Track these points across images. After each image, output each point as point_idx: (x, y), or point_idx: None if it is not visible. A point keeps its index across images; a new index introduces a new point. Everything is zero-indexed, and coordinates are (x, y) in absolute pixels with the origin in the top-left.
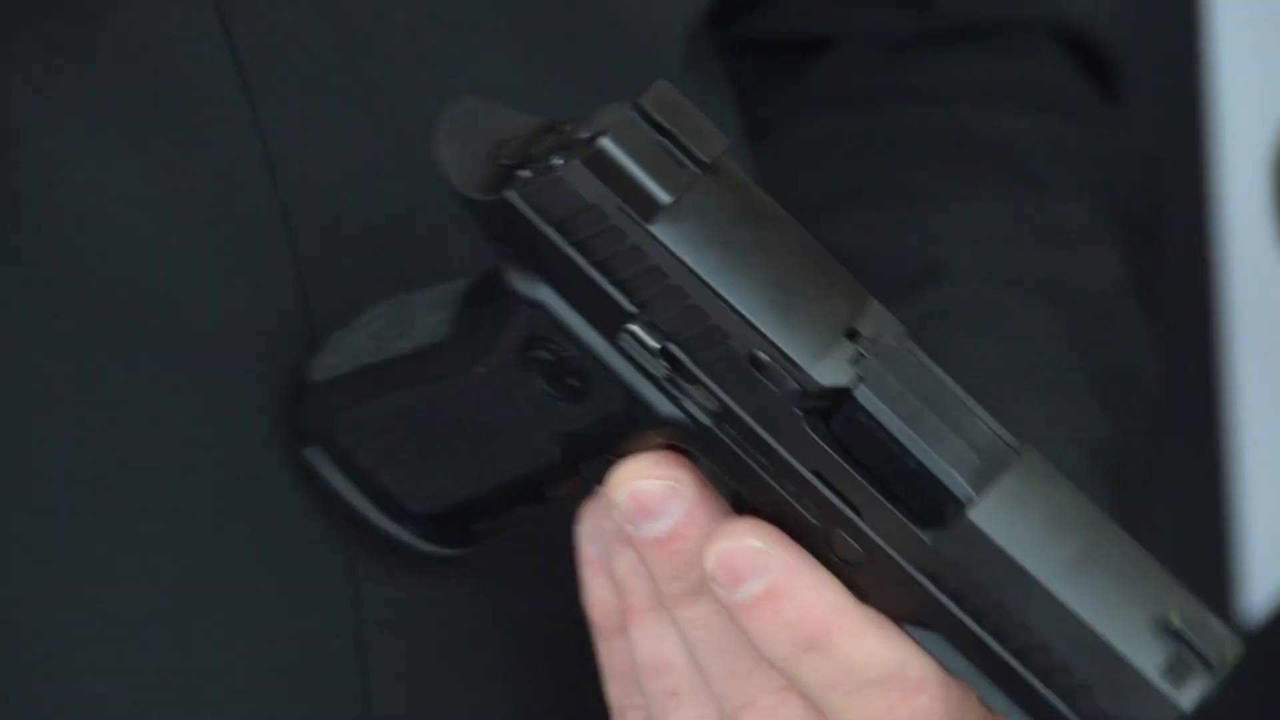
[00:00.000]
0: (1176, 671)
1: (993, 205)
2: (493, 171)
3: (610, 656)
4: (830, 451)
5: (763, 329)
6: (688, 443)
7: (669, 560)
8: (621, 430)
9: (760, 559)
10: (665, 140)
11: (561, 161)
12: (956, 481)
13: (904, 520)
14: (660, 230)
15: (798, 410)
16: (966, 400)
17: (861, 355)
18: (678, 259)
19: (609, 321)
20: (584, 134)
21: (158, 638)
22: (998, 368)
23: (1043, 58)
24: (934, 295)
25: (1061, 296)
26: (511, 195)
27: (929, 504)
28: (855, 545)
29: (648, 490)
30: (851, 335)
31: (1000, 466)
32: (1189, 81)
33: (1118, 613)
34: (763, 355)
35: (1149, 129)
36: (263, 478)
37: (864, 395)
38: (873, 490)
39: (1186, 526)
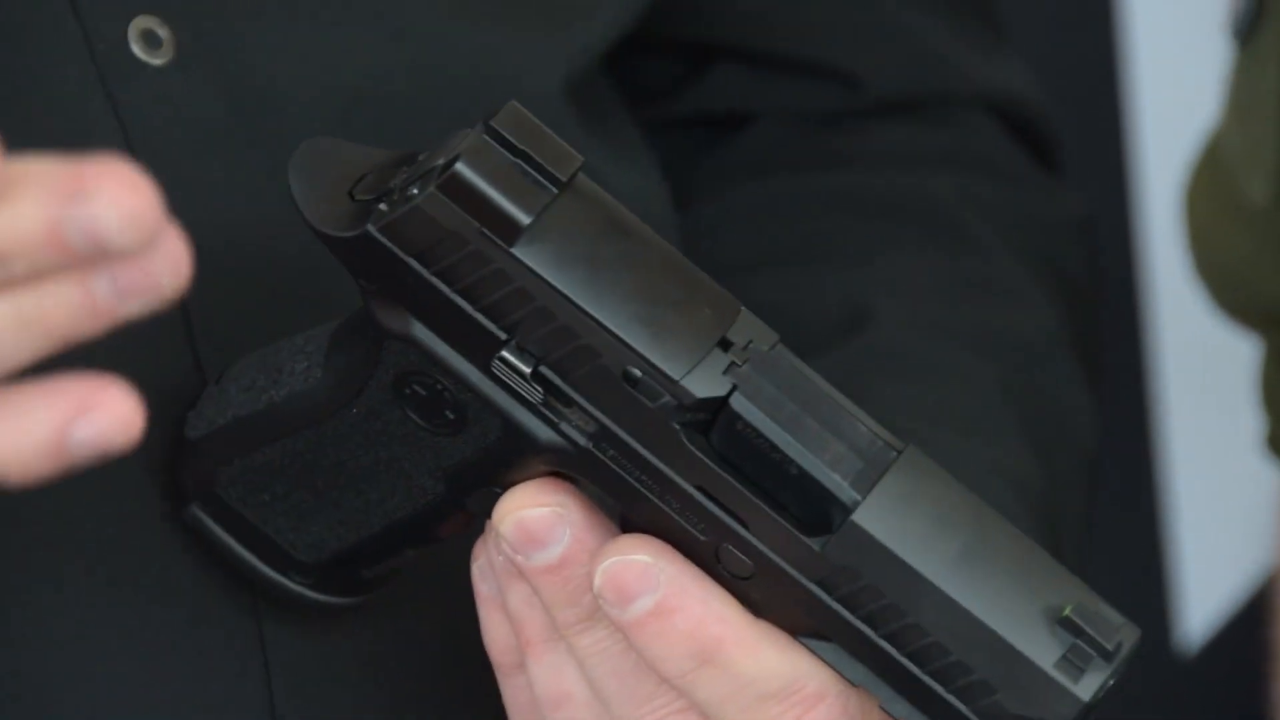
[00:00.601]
0: (1074, 663)
1: (920, 260)
2: (351, 208)
3: (512, 694)
4: (711, 464)
5: (633, 344)
6: (569, 467)
7: (561, 588)
8: (503, 460)
9: (648, 574)
10: (520, 161)
11: (418, 191)
12: (840, 485)
13: (791, 529)
14: (522, 252)
15: (675, 424)
16: (844, 403)
17: (735, 364)
18: (542, 279)
19: (480, 350)
20: (439, 161)
21: (63, 708)
22: (924, 411)
23: (973, 126)
24: (859, 343)
25: (991, 347)
26: (371, 229)
27: (814, 510)
28: (745, 559)
29: (534, 518)
30: (724, 345)
31: (883, 467)
32: (1113, 116)
33: (1010, 607)
34: (635, 371)
35: (1081, 195)
36: (159, 539)
37: (740, 404)
38: (757, 501)
39: (1123, 555)
